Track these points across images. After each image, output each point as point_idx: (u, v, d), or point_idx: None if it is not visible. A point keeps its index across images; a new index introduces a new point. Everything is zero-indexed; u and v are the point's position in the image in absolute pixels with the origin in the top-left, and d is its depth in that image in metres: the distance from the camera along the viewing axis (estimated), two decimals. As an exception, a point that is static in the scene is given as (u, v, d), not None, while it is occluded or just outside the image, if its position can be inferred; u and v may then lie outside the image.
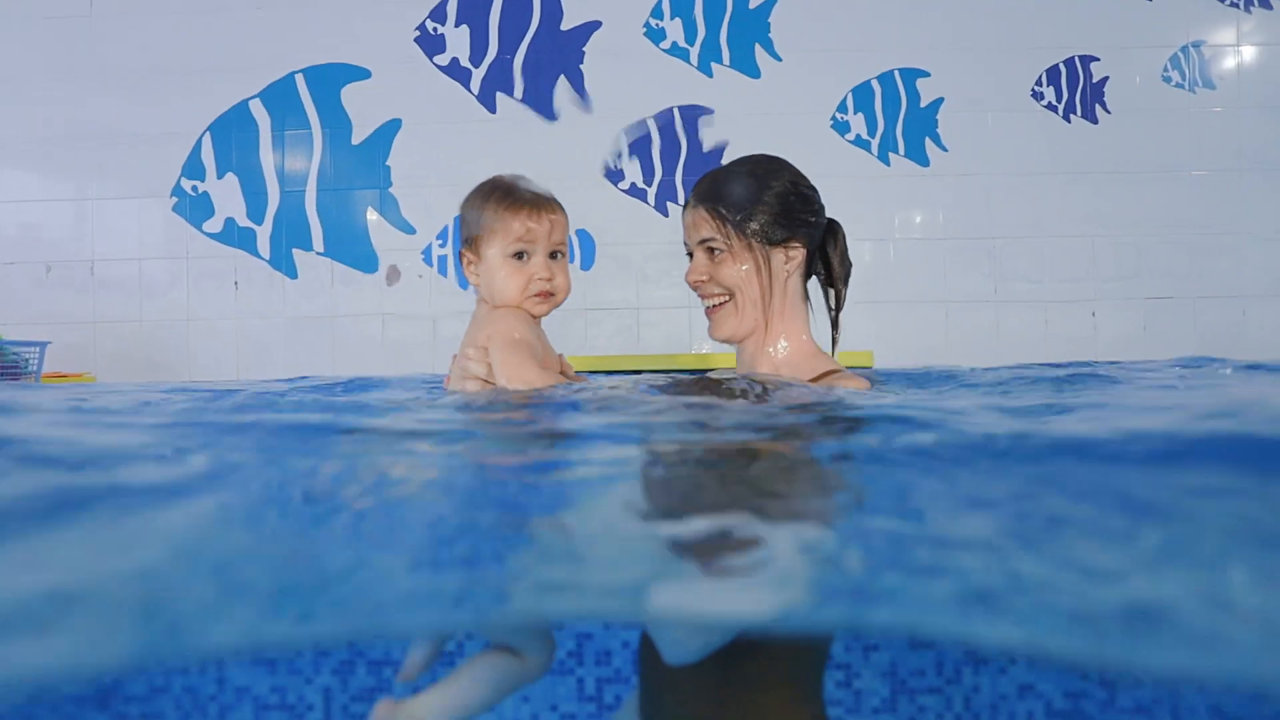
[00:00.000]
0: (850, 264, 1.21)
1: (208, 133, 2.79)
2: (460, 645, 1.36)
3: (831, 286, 1.20)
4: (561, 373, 1.15)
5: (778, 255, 1.13)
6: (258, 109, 2.79)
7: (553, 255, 1.12)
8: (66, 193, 2.81)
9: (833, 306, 1.20)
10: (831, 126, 2.81)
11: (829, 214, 1.20)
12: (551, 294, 1.11)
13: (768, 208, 1.12)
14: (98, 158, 2.80)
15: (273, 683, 1.74)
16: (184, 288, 2.80)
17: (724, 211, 1.12)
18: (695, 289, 1.17)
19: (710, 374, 1.24)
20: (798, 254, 1.14)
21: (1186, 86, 2.84)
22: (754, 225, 1.12)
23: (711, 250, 1.14)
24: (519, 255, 1.09)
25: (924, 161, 2.81)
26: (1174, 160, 2.82)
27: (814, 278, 1.22)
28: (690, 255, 1.18)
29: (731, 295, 1.13)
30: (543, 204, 1.10)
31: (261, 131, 2.79)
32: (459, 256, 1.15)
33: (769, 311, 1.13)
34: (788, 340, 1.15)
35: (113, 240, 2.80)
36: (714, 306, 1.16)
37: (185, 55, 2.80)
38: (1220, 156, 2.82)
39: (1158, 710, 1.45)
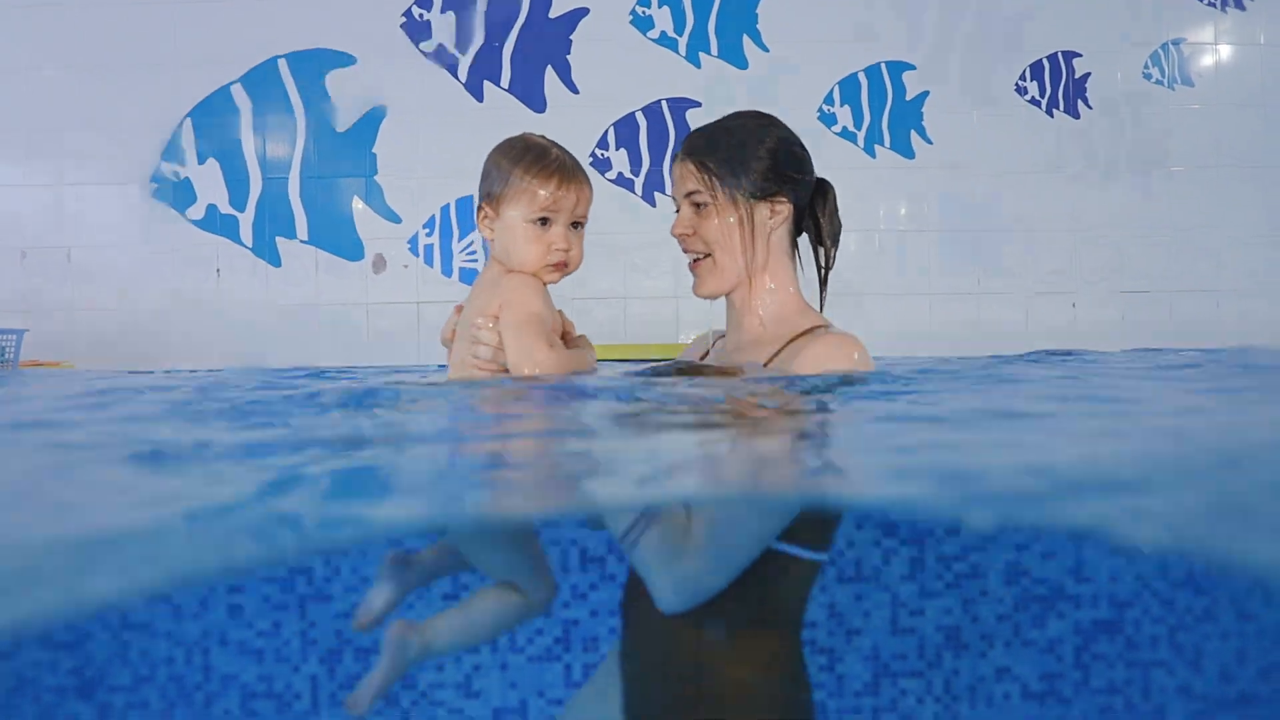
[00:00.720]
0: (840, 225, 1.21)
1: (188, 118, 2.74)
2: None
3: (820, 245, 1.21)
4: (565, 333, 1.16)
5: (762, 209, 1.13)
6: (239, 94, 2.75)
7: (574, 225, 1.11)
8: (43, 179, 2.76)
9: (822, 265, 1.21)
10: (818, 118, 2.82)
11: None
12: (566, 264, 1.10)
13: (757, 162, 1.12)
14: (75, 143, 2.75)
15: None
16: (165, 275, 2.76)
17: (710, 165, 1.13)
18: (680, 242, 1.18)
19: (682, 365, 1.24)
20: (783, 209, 1.14)
21: (1166, 83, 2.88)
22: (740, 180, 1.12)
23: (697, 204, 1.14)
24: (542, 221, 1.08)
25: (909, 154, 2.84)
26: (1153, 155, 2.87)
27: (805, 236, 1.22)
28: (678, 210, 1.18)
29: (711, 252, 1.14)
30: (572, 174, 1.10)
31: (243, 117, 2.75)
32: (476, 210, 1.13)
33: (751, 265, 1.13)
34: (773, 295, 1.15)
35: (91, 227, 2.75)
36: (695, 261, 1.17)
37: (165, 38, 2.75)
38: (1198, 152, 2.87)
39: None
